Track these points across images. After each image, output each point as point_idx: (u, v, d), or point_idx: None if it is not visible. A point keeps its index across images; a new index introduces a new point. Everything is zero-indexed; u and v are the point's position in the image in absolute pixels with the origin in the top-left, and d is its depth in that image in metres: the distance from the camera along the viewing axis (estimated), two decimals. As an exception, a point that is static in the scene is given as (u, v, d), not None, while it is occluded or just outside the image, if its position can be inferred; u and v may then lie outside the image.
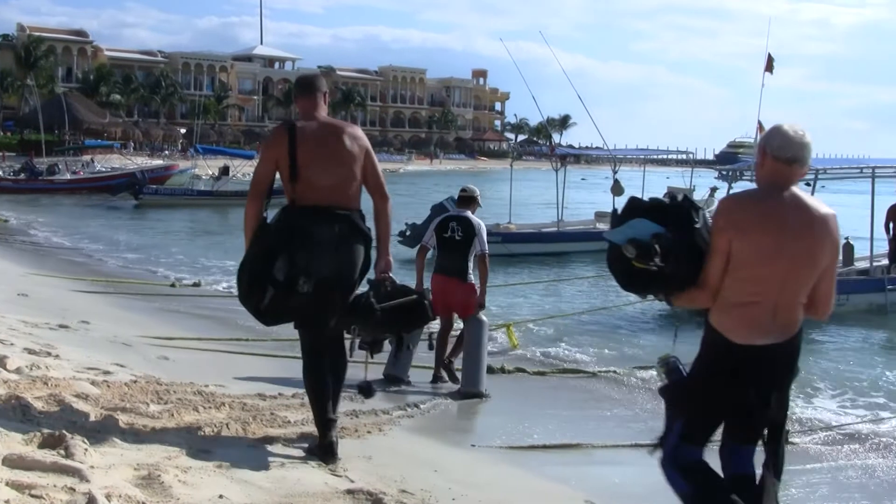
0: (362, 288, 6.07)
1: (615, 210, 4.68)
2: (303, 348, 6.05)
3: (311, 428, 6.73)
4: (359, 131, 6.06)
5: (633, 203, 4.66)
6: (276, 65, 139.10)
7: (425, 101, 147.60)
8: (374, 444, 6.74)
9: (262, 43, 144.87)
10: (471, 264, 9.29)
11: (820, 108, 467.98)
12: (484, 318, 9.45)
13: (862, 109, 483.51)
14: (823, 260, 4.30)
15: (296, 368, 7.57)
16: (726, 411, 4.49)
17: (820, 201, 4.38)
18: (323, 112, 6.06)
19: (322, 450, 5.88)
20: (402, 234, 23.77)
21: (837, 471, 7.67)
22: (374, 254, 6.00)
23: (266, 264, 5.68)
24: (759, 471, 4.53)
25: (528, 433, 7.92)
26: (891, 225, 17.99)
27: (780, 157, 4.30)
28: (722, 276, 4.30)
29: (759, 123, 19.85)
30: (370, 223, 5.98)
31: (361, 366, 6.59)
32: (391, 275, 6.12)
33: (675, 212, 4.46)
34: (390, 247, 6.12)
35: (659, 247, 4.28)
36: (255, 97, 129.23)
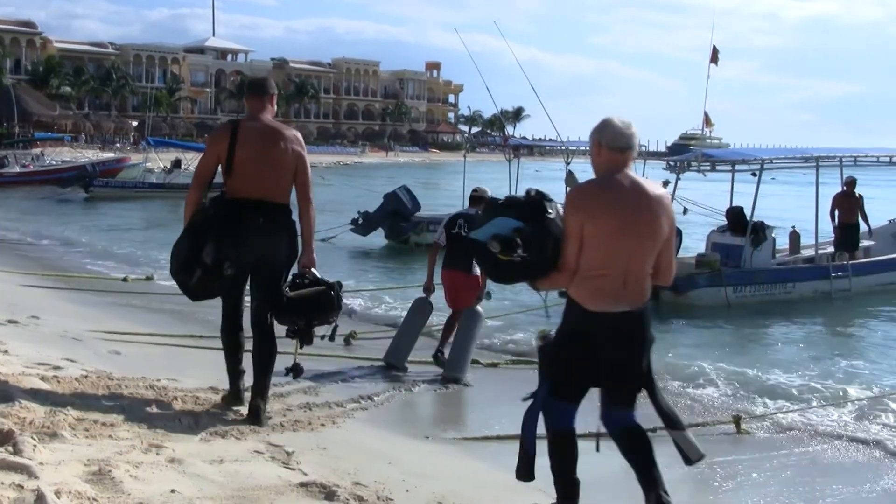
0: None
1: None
2: (223, 313, 6.91)
3: (265, 421, 6.73)
4: (296, 136, 6.64)
5: (493, 203, 5.31)
6: (229, 57, 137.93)
7: (379, 93, 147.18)
8: (328, 437, 6.74)
9: (214, 35, 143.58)
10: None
11: (768, 100, 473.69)
12: (480, 309, 9.88)
13: (809, 102, 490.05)
14: (662, 234, 4.91)
15: (248, 363, 7.55)
16: (590, 373, 5.03)
17: (654, 183, 5.09)
18: (269, 114, 6.66)
19: (232, 396, 6.94)
20: (354, 221, 23.81)
21: (788, 457, 7.77)
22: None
23: (196, 247, 6.38)
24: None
25: (483, 424, 7.95)
26: (836, 213, 18.32)
27: (613, 147, 4.94)
28: (578, 256, 4.85)
29: (706, 115, 20.17)
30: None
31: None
32: (314, 269, 6.74)
33: (530, 206, 4.99)
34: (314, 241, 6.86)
35: (520, 239, 4.81)
36: (208, 89, 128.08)
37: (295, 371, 7.23)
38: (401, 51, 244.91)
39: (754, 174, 17.20)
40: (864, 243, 18.79)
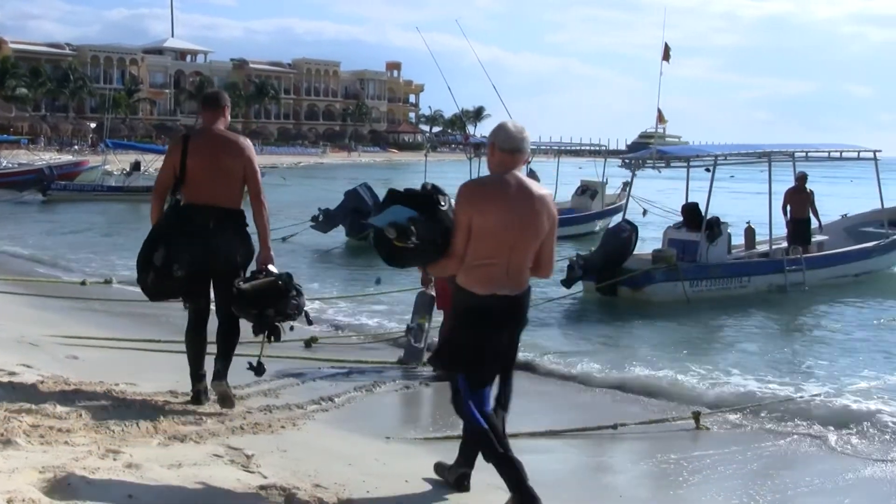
0: None
1: (376, 199, 5.40)
2: (188, 315, 7.31)
3: (223, 425, 6.72)
4: (245, 145, 7.03)
5: (392, 193, 5.67)
6: (188, 58, 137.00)
7: (339, 93, 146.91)
8: (288, 439, 6.73)
9: (172, 35, 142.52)
10: None
11: (727, 98, 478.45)
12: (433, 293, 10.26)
13: (765, 101, 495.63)
14: (543, 229, 5.42)
15: (209, 364, 7.52)
16: (483, 349, 5.44)
17: (538, 183, 5.58)
18: (221, 125, 7.05)
19: (193, 397, 7.29)
20: (314, 218, 23.80)
21: (745, 452, 7.84)
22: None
23: (150, 251, 6.86)
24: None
25: (444, 424, 7.96)
26: (788, 208, 18.57)
27: (506, 149, 5.42)
28: (466, 246, 5.34)
29: (659, 111, 20.24)
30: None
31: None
32: (271, 266, 7.11)
33: (424, 198, 5.49)
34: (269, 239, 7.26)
35: (414, 228, 5.32)
36: (167, 90, 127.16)
37: (258, 369, 7.49)
38: (361, 51, 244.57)
39: (708, 170, 17.39)
40: (816, 238, 19.06)
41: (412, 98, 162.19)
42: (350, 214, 23.57)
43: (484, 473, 6.58)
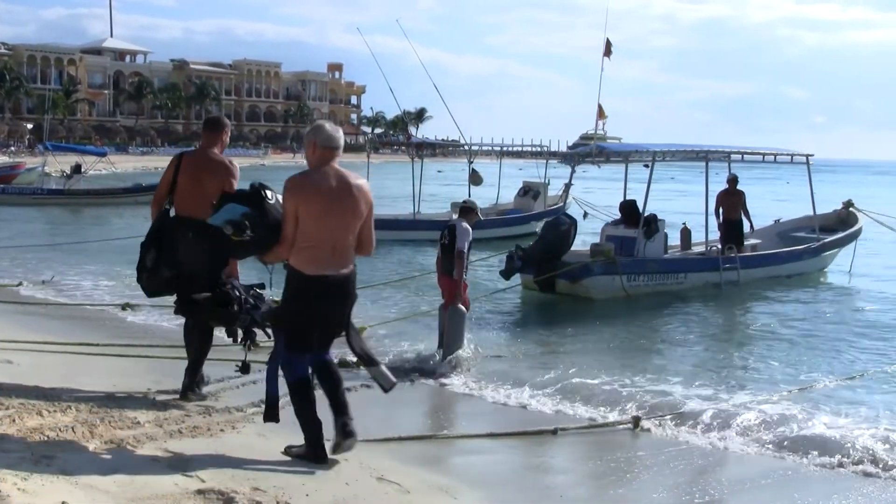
0: None
1: (211, 202, 6.44)
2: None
3: (161, 428, 6.66)
4: (227, 167, 7.66)
5: (224, 195, 6.53)
6: (128, 58, 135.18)
7: (281, 94, 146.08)
8: (228, 442, 6.68)
9: (111, 35, 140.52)
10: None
11: (666, 99, 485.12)
12: (461, 307, 10.63)
13: (704, 102, 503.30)
14: (361, 214, 6.26)
15: (148, 367, 7.44)
16: (312, 323, 6.26)
17: (355, 174, 6.33)
18: (216, 148, 7.82)
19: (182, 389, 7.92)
20: None
21: (683, 453, 7.94)
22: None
23: (144, 253, 7.63)
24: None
25: (385, 426, 7.95)
26: (720, 210, 18.83)
27: (325, 146, 6.23)
28: (295, 232, 6.08)
29: (600, 107, 20.41)
30: None
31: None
32: (234, 279, 7.84)
33: (253, 194, 6.31)
34: None
35: (248, 222, 6.11)
36: (106, 91, 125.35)
37: (244, 368, 7.93)
38: (302, 52, 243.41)
39: (646, 166, 17.59)
40: (750, 241, 19.39)
41: (354, 99, 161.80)
42: None
43: (431, 474, 6.60)
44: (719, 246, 18.15)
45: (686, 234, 18.83)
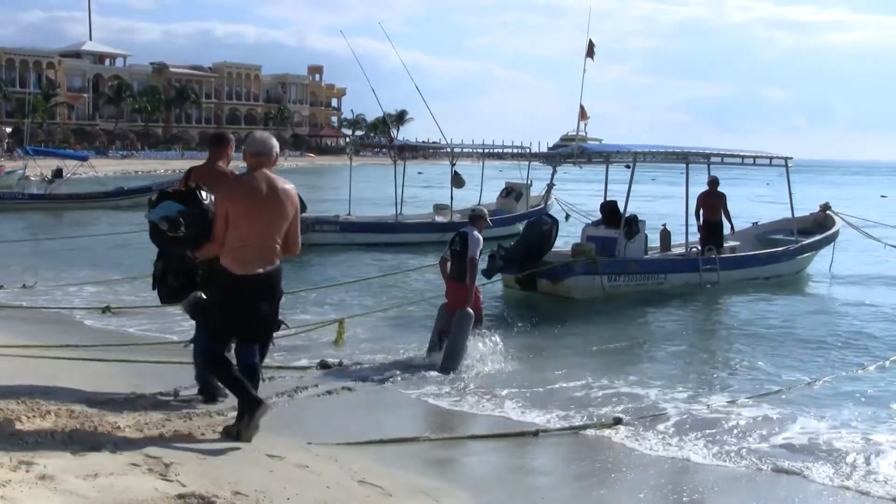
0: None
1: (150, 198, 6.86)
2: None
3: (142, 433, 6.63)
4: (224, 178, 7.87)
5: (162, 193, 7.03)
6: (107, 61, 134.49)
7: (261, 97, 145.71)
8: (208, 446, 6.66)
9: (90, 39, 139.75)
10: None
11: (646, 101, 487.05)
12: (469, 310, 10.75)
13: (683, 103, 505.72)
14: (287, 216, 6.82)
15: (129, 371, 7.40)
16: (236, 320, 6.81)
17: (284, 180, 6.92)
18: (223, 161, 8.26)
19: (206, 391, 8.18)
20: None
21: (663, 455, 7.96)
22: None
23: (155, 264, 7.99)
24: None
25: (365, 429, 7.95)
26: (701, 211, 18.88)
27: (252, 153, 6.90)
28: (225, 232, 6.65)
29: (582, 108, 20.42)
30: None
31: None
32: None
33: (188, 194, 6.86)
34: None
35: (182, 219, 6.67)
36: (86, 95, 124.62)
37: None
38: (282, 54, 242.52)
39: (628, 167, 17.64)
40: (729, 243, 19.48)
41: (334, 102, 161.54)
42: None
43: (413, 476, 6.60)
44: (699, 247, 18.23)
45: (666, 235, 18.90)
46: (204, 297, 7.38)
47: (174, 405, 7.91)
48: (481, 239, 10.89)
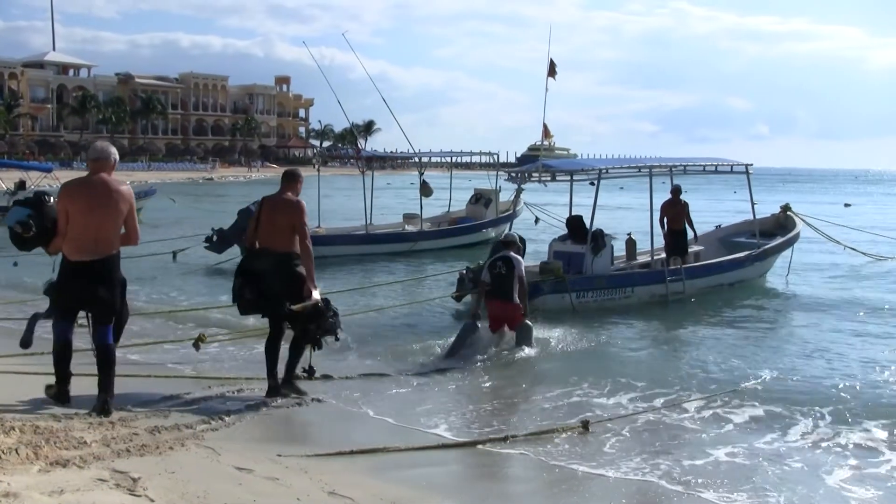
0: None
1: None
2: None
3: (109, 448, 6.55)
4: (295, 204, 9.22)
5: (16, 202, 8.20)
6: (71, 72, 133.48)
7: (228, 108, 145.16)
8: (177, 460, 6.60)
9: (54, 49, 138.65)
10: (515, 289, 12.26)
11: (612, 111, 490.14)
12: (528, 322, 12.29)
13: (651, 112, 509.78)
14: (122, 212, 7.93)
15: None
16: (73, 300, 8.00)
17: (119, 181, 8.07)
18: (291, 192, 9.34)
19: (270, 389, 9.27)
20: (208, 239, 23.14)
21: (633, 457, 7.99)
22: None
23: (234, 280, 9.38)
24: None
25: (336, 440, 7.91)
26: (664, 220, 18.98)
27: (91, 159, 8.08)
28: (66, 226, 7.85)
29: (545, 127, 20.50)
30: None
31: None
32: (315, 294, 9.06)
33: (35, 200, 8.06)
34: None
35: (32, 221, 7.88)
36: (49, 105, 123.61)
37: (309, 372, 9.53)
38: (249, 65, 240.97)
39: (592, 183, 17.70)
40: (693, 248, 19.59)
41: (302, 112, 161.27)
42: (244, 233, 22.99)
43: (383, 487, 6.57)
44: (664, 255, 18.32)
45: (631, 244, 18.99)
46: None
47: (142, 419, 7.83)
48: (522, 260, 12.59)
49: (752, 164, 20.25)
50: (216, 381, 9.94)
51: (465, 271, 16.06)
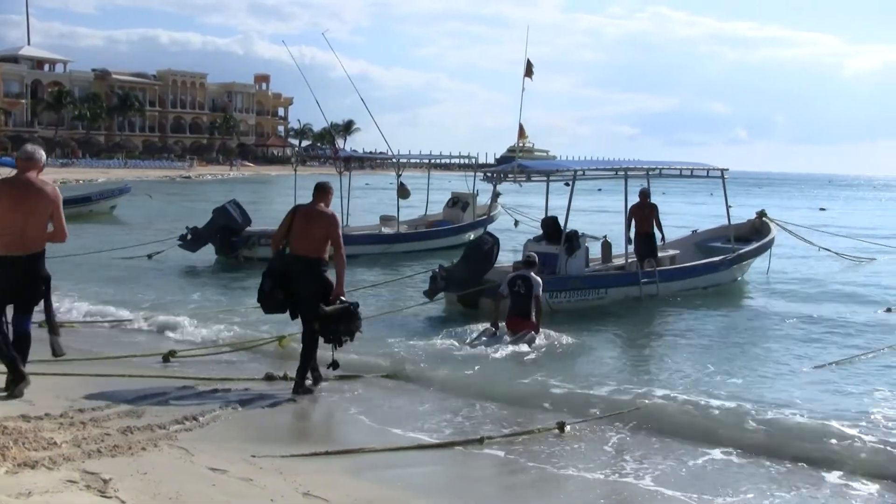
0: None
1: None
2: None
3: (79, 448, 6.47)
4: (329, 216, 9.88)
5: None
6: (46, 67, 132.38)
7: (206, 106, 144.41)
8: (149, 461, 6.53)
9: (28, 43, 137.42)
10: (532, 307, 13.16)
11: (593, 113, 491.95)
12: (534, 334, 13.01)
13: (631, 115, 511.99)
14: (47, 211, 8.38)
15: (66, 385, 7.22)
16: (2, 294, 8.31)
17: (45, 181, 8.47)
18: (323, 203, 10.02)
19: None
20: (182, 237, 22.99)
21: (609, 456, 7.98)
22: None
23: (263, 281, 9.95)
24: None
25: (311, 440, 7.86)
26: (632, 222, 18.78)
27: (20, 158, 8.61)
28: None
29: (521, 127, 20.52)
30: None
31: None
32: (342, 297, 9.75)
33: None
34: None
35: None
36: (23, 101, 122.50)
37: (334, 365, 9.84)
38: (229, 63, 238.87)
39: (567, 184, 17.70)
40: (669, 252, 19.63)
41: (281, 111, 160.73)
42: (219, 232, 22.88)
43: (358, 488, 6.52)
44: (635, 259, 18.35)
45: (607, 246, 18.99)
46: None
47: (114, 419, 7.74)
48: (541, 280, 13.39)
49: (728, 169, 20.31)
50: (190, 381, 9.85)
51: (437, 269, 16.02)
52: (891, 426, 9.05)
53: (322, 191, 10.20)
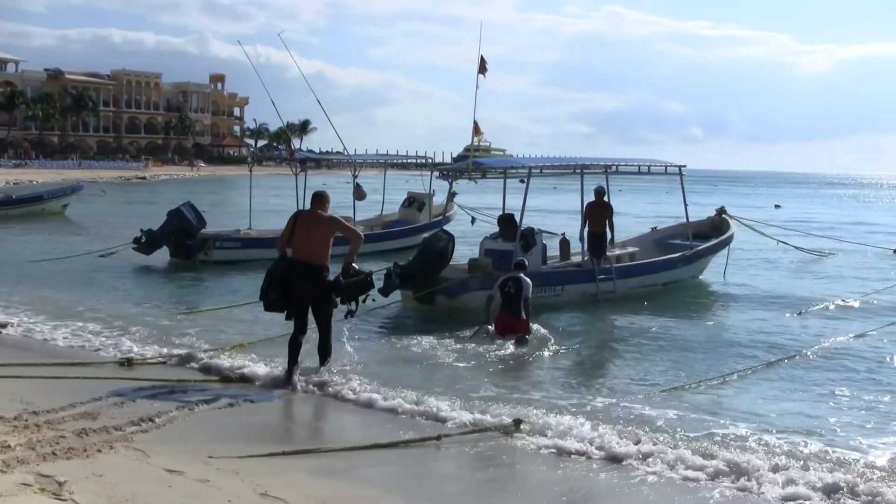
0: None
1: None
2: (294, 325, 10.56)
3: (34, 451, 6.44)
4: (329, 218, 10.66)
5: None
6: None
7: (161, 106, 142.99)
8: (104, 463, 6.50)
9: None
10: (522, 307, 13.52)
11: (549, 112, 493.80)
12: (528, 338, 13.37)
13: (587, 114, 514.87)
14: None
15: (19, 388, 7.16)
16: None
17: None
18: (322, 210, 10.68)
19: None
20: (137, 240, 22.70)
21: (566, 453, 8.05)
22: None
23: (264, 281, 10.51)
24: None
25: (269, 441, 7.85)
26: (587, 221, 18.78)
27: None
28: None
29: (476, 124, 20.60)
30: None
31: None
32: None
33: None
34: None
35: None
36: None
37: (352, 313, 10.61)
38: (183, 63, 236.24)
39: (523, 181, 17.77)
40: (628, 249, 19.74)
41: (237, 111, 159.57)
42: (174, 235, 22.64)
43: (316, 488, 6.54)
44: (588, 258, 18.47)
45: (565, 244, 19.05)
46: None
47: (69, 421, 7.69)
48: (530, 282, 13.73)
49: (685, 166, 20.45)
50: (146, 382, 9.79)
51: (392, 266, 16.03)
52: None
53: (319, 199, 10.92)
